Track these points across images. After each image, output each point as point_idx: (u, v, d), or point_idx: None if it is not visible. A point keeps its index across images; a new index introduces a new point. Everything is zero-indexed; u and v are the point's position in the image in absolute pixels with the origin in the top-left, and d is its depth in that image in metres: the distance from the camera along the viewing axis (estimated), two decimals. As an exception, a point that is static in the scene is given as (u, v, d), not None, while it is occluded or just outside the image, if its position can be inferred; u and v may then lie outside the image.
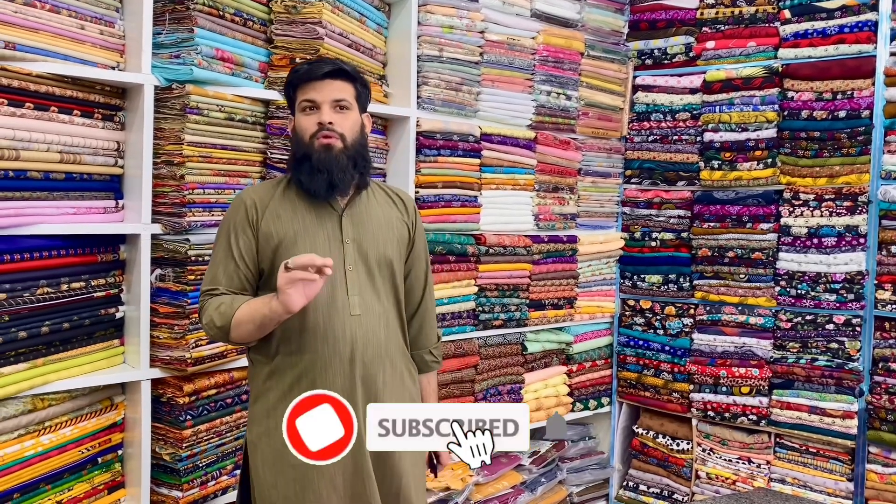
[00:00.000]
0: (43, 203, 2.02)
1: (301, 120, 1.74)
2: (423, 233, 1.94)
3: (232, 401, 2.42)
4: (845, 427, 3.02)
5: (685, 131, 3.44)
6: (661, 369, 3.51)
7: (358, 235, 1.75)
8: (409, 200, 1.92)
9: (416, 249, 1.90)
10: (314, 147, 1.70)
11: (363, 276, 1.74)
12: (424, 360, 1.94)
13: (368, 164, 1.78)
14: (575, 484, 3.55)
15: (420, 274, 1.92)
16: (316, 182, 1.70)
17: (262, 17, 2.48)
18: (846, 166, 3.04)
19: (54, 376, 2.05)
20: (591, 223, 3.59)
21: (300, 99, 1.74)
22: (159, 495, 2.29)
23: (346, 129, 1.72)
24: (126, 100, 2.24)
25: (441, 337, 2.00)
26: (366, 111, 1.83)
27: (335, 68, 1.73)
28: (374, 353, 1.73)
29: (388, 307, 1.79)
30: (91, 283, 2.16)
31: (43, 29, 2.01)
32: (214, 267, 1.75)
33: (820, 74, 3.08)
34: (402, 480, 1.76)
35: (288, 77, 1.78)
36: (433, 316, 1.97)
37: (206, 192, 2.30)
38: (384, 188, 1.91)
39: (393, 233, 1.81)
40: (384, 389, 1.74)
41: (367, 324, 1.72)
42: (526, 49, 3.21)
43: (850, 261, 3.03)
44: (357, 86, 1.77)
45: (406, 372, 1.83)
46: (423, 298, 1.93)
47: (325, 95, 1.71)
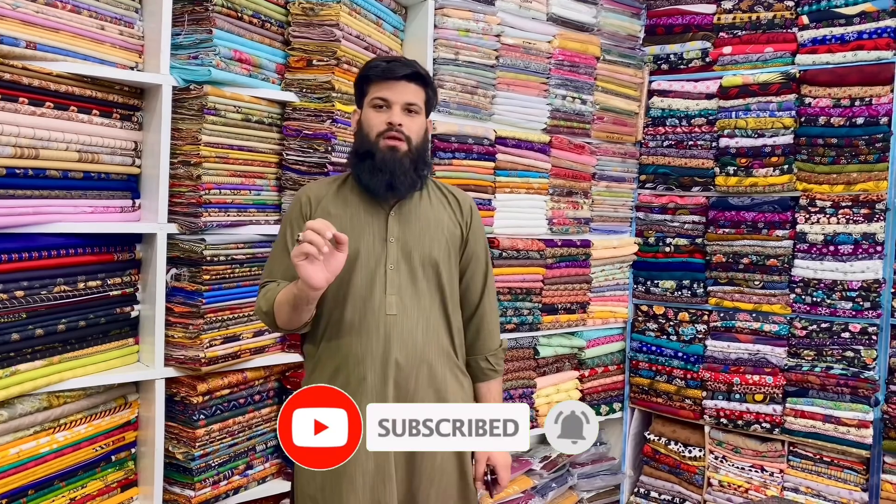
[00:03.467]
0: (61, 202, 2.04)
1: (370, 116, 1.73)
2: (481, 234, 1.88)
3: (245, 401, 2.43)
4: (860, 436, 2.99)
5: (701, 136, 3.42)
6: (673, 375, 3.49)
7: (403, 235, 1.74)
8: (465, 201, 1.87)
9: (470, 249, 1.85)
10: (379, 146, 1.70)
11: (405, 276, 1.73)
12: (480, 367, 1.88)
13: (428, 167, 1.79)
14: (586, 490, 3.53)
15: (477, 275, 1.87)
16: (376, 181, 1.70)
17: (280, 19, 2.49)
18: (863, 173, 3.01)
19: (70, 374, 2.06)
20: (605, 228, 3.58)
21: (373, 95, 1.73)
22: (172, 494, 2.30)
23: (413, 132, 1.73)
24: (144, 100, 2.26)
25: (503, 344, 1.92)
26: (430, 116, 1.84)
27: (413, 71, 1.72)
28: (409, 354, 1.70)
29: (430, 309, 1.75)
30: (107, 281, 2.18)
31: (63, 29, 2.03)
32: (272, 260, 1.79)
33: (838, 81, 3.06)
34: (423, 480, 1.72)
35: (362, 70, 1.77)
36: (492, 321, 1.89)
37: (223, 193, 2.31)
38: (442, 188, 1.88)
39: (442, 233, 1.78)
40: (417, 391, 1.71)
41: (403, 324, 1.70)
42: (542, 53, 3.21)
43: (867, 269, 3.00)
44: (429, 91, 1.78)
45: (450, 375, 1.78)
46: (481, 301, 1.87)
47: (398, 96, 1.71)
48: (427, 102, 1.78)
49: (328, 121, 2.41)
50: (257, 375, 2.46)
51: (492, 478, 1.85)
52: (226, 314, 2.33)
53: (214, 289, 2.28)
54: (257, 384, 2.48)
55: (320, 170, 2.43)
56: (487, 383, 1.89)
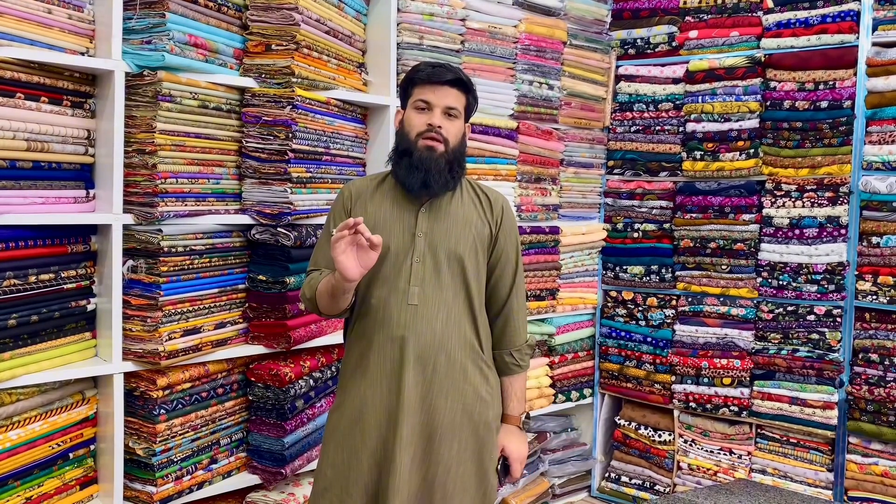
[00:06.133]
0: (9, 192, 1.97)
1: (412, 117, 1.83)
2: (511, 233, 1.94)
3: (207, 394, 2.38)
4: (825, 418, 3.03)
5: (668, 121, 3.42)
6: (643, 360, 3.50)
7: (431, 230, 1.82)
8: (496, 200, 1.94)
9: (500, 247, 1.91)
10: (418, 145, 1.80)
11: (429, 270, 1.80)
12: (505, 362, 1.94)
13: (463, 169, 1.87)
14: (557, 476, 3.54)
15: (506, 273, 1.92)
16: (412, 178, 1.79)
17: (237, 3, 2.43)
18: (828, 157, 3.03)
19: (22, 370, 2.00)
20: (574, 214, 3.57)
21: (416, 97, 1.83)
22: (133, 491, 2.25)
23: (451, 134, 1.82)
24: (96, 87, 2.19)
25: (529, 340, 1.99)
26: (468, 121, 1.93)
27: (455, 77, 1.82)
28: (427, 343, 1.77)
29: (452, 301, 1.81)
30: (61, 274, 2.11)
31: (8, 13, 1.96)
32: (317, 250, 1.93)
33: (802, 64, 3.07)
34: (439, 468, 1.79)
35: (409, 73, 1.87)
36: (519, 318, 1.96)
37: (179, 182, 2.25)
38: (475, 187, 1.95)
39: (470, 230, 1.85)
40: (434, 378, 1.78)
41: (424, 314, 1.78)
42: (508, 38, 3.18)
43: (832, 252, 3.03)
44: (470, 98, 1.88)
45: (472, 367, 1.84)
46: (509, 299, 1.93)
47: (440, 100, 1.81)
48: (467, 108, 1.88)
49: (288, 107, 2.36)
50: (220, 368, 2.41)
51: (503, 466, 1.92)
52: (185, 306, 2.28)
53: (173, 280, 2.23)
54: (220, 377, 2.43)
55: (280, 157, 2.37)
56: (511, 377, 1.96)
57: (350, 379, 1.85)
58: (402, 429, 1.74)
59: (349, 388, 1.84)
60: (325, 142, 2.55)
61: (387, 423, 1.77)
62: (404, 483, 1.73)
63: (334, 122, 2.61)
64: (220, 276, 2.41)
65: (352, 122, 2.73)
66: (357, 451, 1.79)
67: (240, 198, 2.45)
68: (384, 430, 1.77)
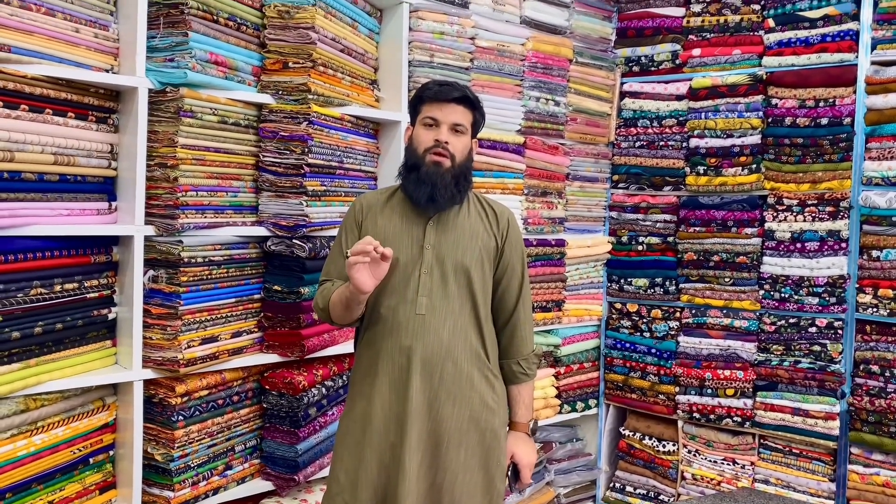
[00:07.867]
0: (37, 204, 2.03)
1: (420, 133, 1.90)
2: (518, 245, 2.00)
3: (223, 402, 2.44)
4: (827, 428, 3.07)
5: (671, 137, 3.49)
6: (647, 372, 3.55)
7: (438, 242, 1.88)
8: (502, 214, 2.00)
9: (506, 260, 1.96)
10: (425, 160, 1.86)
11: (437, 280, 1.86)
12: (512, 371, 2.00)
13: (469, 184, 1.93)
14: (562, 485, 3.58)
15: (512, 285, 1.98)
16: (419, 192, 1.85)
17: (255, 22, 2.51)
18: (828, 172, 3.09)
19: (47, 377, 2.06)
20: (579, 227, 3.63)
21: (424, 114, 1.90)
22: (151, 495, 2.30)
23: (457, 150, 1.88)
24: (120, 102, 2.26)
25: (536, 350, 2.04)
26: (475, 137, 1.99)
27: (462, 95, 1.89)
28: (434, 351, 1.83)
29: (459, 311, 1.87)
30: (84, 284, 2.18)
31: (38, 32, 2.03)
32: (329, 261, 1.99)
33: (803, 82, 3.14)
34: (447, 475, 1.83)
35: (418, 91, 1.93)
36: (526, 328, 2.01)
37: (199, 195, 2.32)
38: (482, 200, 2.02)
39: (476, 243, 1.91)
40: (441, 386, 1.83)
41: (430, 323, 1.83)
42: (515, 55, 3.25)
43: (833, 265, 3.08)
44: (476, 114, 1.94)
45: (479, 375, 1.89)
46: (515, 309, 1.98)
47: (447, 117, 1.87)
48: (474, 124, 1.94)
49: (304, 122, 2.43)
50: (236, 376, 2.47)
51: (513, 472, 1.96)
52: (204, 315, 2.34)
53: (192, 290, 2.29)
54: (236, 385, 2.49)
55: (296, 171, 2.44)
56: (518, 386, 2.01)
57: (360, 385, 1.91)
58: (410, 434, 1.78)
59: (359, 395, 1.89)
60: (339, 156, 2.62)
61: (395, 429, 1.81)
62: (413, 488, 1.77)
63: (348, 138, 2.68)
64: (237, 287, 2.47)
65: (364, 137, 2.80)
66: (366, 455, 1.83)
67: (257, 210, 2.52)
68: (393, 436, 1.81)
